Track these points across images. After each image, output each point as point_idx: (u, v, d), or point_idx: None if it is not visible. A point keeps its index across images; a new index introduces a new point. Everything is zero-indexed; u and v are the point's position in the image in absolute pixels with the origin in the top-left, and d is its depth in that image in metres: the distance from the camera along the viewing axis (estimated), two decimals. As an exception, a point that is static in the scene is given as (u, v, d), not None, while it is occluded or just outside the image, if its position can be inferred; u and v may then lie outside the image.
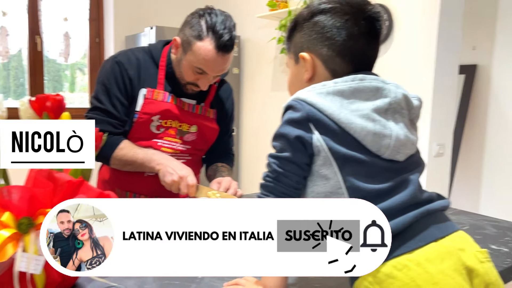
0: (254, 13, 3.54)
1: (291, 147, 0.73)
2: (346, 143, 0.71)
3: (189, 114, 1.46)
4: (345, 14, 0.77)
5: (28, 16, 3.48)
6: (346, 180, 0.70)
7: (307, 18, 0.80)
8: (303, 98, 0.73)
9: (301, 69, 0.81)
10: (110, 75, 1.39)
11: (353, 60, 0.77)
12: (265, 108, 3.65)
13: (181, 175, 1.31)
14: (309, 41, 0.79)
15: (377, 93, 0.74)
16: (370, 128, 0.71)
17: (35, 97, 0.78)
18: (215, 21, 1.30)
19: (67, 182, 0.75)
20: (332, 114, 0.71)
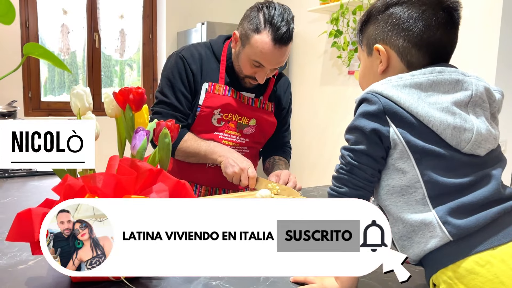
0: (305, 6, 3.53)
1: (366, 140, 0.72)
2: (424, 136, 0.70)
3: (248, 107, 1.49)
4: (422, 5, 0.75)
5: (87, 14, 3.65)
6: (424, 174, 0.69)
7: (382, 10, 0.79)
8: (378, 91, 0.73)
9: (375, 61, 0.81)
10: (174, 69, 1.45)
11: (430, 51, 0.76)
12: (314, 102, 3.64)
13: (242, 167, 1.34)
14: (384, 32, 0.78)
15: (457, 85, 0.72)
16: (450, 121, 0.69)
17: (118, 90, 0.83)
18: (273, 14, 1.31)
19: (148, 171, 0.80)
20: (410, 107, 0.70)
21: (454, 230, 0.66)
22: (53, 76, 3.73)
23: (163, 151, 0.85)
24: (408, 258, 0.70)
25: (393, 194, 0.73)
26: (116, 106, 0.84)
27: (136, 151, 0.82)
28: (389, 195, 0.73)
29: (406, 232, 0.71)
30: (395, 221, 0.73)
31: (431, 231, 0.68)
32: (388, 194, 0.73)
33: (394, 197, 0.72)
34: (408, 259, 0.71)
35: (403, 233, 0.72)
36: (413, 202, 0.70)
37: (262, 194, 1.24)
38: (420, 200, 0.70)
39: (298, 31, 3.79)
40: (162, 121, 0.86)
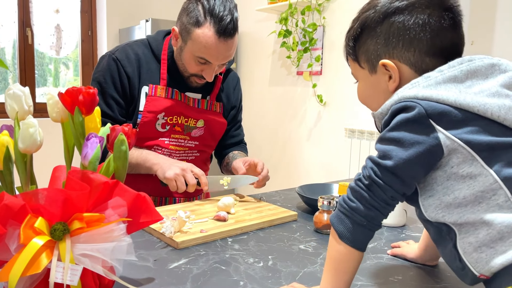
0: (252, 6, 3.47)
1: (400, 156, 0.63)
2: (484, 129, 0.61)
3: (194, 109, 1.38)
4: (426, 8, 0.68)
5: (18, 7, 3.36)
6: (499, 172, 0.60)
7: (380, 21, 0.70)
8: (412, 95, 0.64)
9: (381, 78, 0.72)
10: (106, 73, 1.30)
11: (444, 55, 0.68)
12: (263, 102, 3.59)
13: (183, 167, 1.22)
14: (389, 46, 0.70)
15: (494, 69, 0.65)
16: (508, 104, 0.61)
17: (64, 90, 0.71)
18: (213, 4, 1.19)
19: (103, 184, 0.69)
20: (457, 101, 0.61)
21: None
22: None
23: (120, 161, 0.74)
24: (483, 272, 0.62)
25: (466, 205, 0.62)
26: (62, 109, 0.72)
27: (88, 161, 0.70)
28: (461, 208, 0.63)
29: (490, 240, 0.61)
30: (475, 229, 0.62)
31: None
32: (460, 207, 0.63)
33: (470, 207, 0.62)
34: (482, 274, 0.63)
35: (484, 242, 0.61)
36: (495, 207, 0.60)
37: (225, 202, 1.15)
38: (503, 203, 0.60)
39: (246, 30, 3.73)
40: (117, 125, 0.75)
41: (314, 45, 3.05)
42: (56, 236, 0.66)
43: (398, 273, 0.86)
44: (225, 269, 0.85)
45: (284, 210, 1.20)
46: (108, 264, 0.67)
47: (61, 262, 0.64)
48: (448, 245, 0.67)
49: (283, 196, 1.42)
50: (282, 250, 0.96)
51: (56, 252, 0.65)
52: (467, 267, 0.64)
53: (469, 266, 0.64)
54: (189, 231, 1.01)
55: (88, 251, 0.66)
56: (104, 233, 0.67)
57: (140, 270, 0.84)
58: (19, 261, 0.61)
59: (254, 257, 0.91)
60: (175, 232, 0.98)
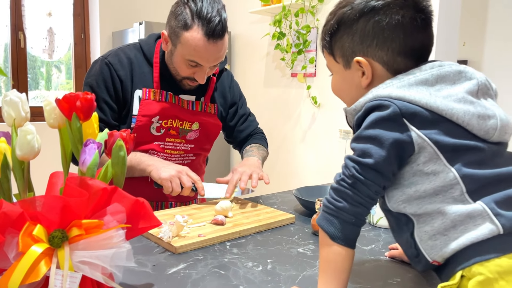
0: (246, 8, 3.47)
1: (379, 153, 0.66)
2: (450, 132, 0.65)
3: (189, 112, 1.38)
4: (400, 9, 0.71)
5: (10, 11, 3.34)
6: (460, 170, 0.64)
7: (355, 19, 0.73)
8: (385, 94, 0.67)
9: (355, 73, 0.76)
10: (99, 77, 1.29)
11: (415, 56, 0.72)
12: (257, 104, 3.59)
13: (179, 170, 1.21)
14: (363, 44, 0.73)
15: (461, 76, 0.69)
16: (472, 110, 0.66)
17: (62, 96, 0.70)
18: (200, 6, 1.18)
19: (101, 190, 0.68)
20: (428, 103, 0.65)
21: (507, 223, 0.62)
22: None
23: (118, 166, 0.74)
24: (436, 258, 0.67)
25: (425, 197, 0.67)
26: (60, 115, 0.72)
27: (86, 167, 0.70)
28: (420, 199, 0.67)
29: (444, 228, 0.66)
30: (431, 218, 0.67)
31: (477, 224, 0.63)
32: (419, 199, 0.67)
33: (428, 198, 0.67)
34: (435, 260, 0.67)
35: (438, 230, 0.66)
36: (450, 200, 0.65)
37: (223, 206, 1.14)
38: (457, 196, 0.65)
39: (240, 32, 3.73)
40: (115, 131, 0.75)
41: (308, 47, 3.06)
42: (55, 244, 0.65)
43: (397, 275, 0.86)
44: (224, 274, 0.85)
45: (282, 213, 1.20)
46: (108, 271, 0.67)
47: (60, 269, 0.64)
48: (405, 234, 0.72)
49: (280, 199, 1.42)
50: (280, 254, 0.96)
51: (55, 260, 0.64)
52: (421, 253, 0.69)
53: (424, 253, 0.69)
54: (187, 235, 1.00)
55: (87, 258, 0.65)
56: (103, 240, 0.67)
57: (139, 276, 0.84)
58: (18, 269, 0.60)
59: (253, 261, 0.91)
60: (173, 237, 0.98)
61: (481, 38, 3.55)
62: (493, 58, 3.49)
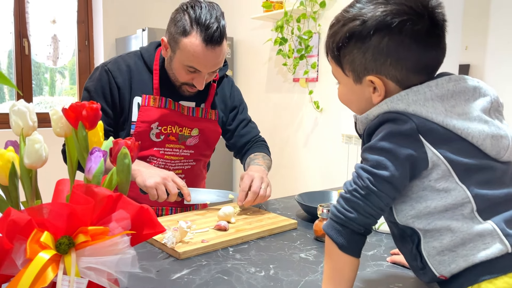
0: (248, 14, 3.50)
1: (395, 167, 0.65)
2: (464, 151, 0.66)
3: (188, 118, 1.39)
4: (415, 25, 0.67)
5: (14, 18, 3.37)
6: (472, 190, 0.65)
7: (368, 36, 0.69)
8: (402, 109, 0.67)
9: (366, 89, 0.74)
10: (97, 83, 1.32)
11: (428, 71, 0.72)
12: (259, 109, 3.61)
13: (164, 176, 1.20)
14: (376, 62, 0.70)
15: (475, 92, 0.69)
16: (487, 131, 0.66)
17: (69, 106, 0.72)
18: (199, 13, 1.20)
19: (107, 197, 0.70)
20: (444, 121, 0.65)
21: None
22: None
23: (123, 174, 0.75)
24: (444, 273, 0.68)
25: (434, 213, 0.67)
26: (66, 123, 0.74)
27: (92, 175, 0.71)
28: (430, 215, 0.68)
29: (453, 245, 0.66)
30: (440, 234, 0.67)
31: (486, 243, 0.64)
32: (429, 214, 0.68)
33: (437, 214, 0.67)
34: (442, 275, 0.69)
35: (447, 247, 0.67)
36: (459, 216, 0.66)
37: (226, 211, 1.16)
38: (467, 214, 0.66)
39: (242, 38, 3.75)
40: (119, 139, 0.77)
41: (310, 52, 3.08)
42: (62, 250, 0.66)
43: (399, 281, 0.87)
44: (227, 279, 0.86)
45: (284, 219, 1.21)
46: (113, 276, 0.68)
47: (67, 275, 0.65)
48: (409, 245, 0.72)
49: (283, 204, 1.43)
50: (283, 259, 0.97)
51: (62, 266, 0.66)
52: (428, 267, 0.70)
53: (431, 267, 0.69)
54: (191, 241, 1.02)
55: (93, 264, 0.67)
56: (109, 246, 0.68)
57: (143, 281, 0.85)
58: (25, 275, 0.61)
59: (255, 267, 0.92)
60: (177, 243, 0.99)
61: (483, 42, 3.56)
62: (496, 62, 3.50)
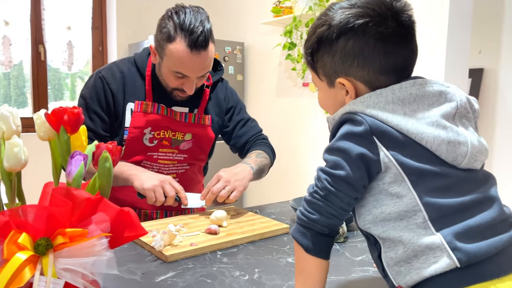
0: (258, 19, 3.52)
1: (350, 166, 0.66)
2: (418, 155, 0.65)
3: (181, 123, 1.40)
4: (379, 26, 0.68)
5: (31, 25, 3.46)
6: (422, 197, 0.64)
7: (334, 39, 0.71)
8: (360, 110, 0.68)
9: (339, 92, 0.75)
10: (92, 90, 1.35)
11: (397, 73, 0.71)
12: (269, 113, 3.62)
13: (161, 179, 1.22)
14: (344, 65, 0.71)
15: (441, 97, 0.68)
16: (443, 136, 0.65)
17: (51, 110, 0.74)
18: (183, 19, 1.21)
19: (86, 200, 0.72)
20: (399, 125, 0.65)
21: (464, 257, 0.61)
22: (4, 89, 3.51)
23: (104, 177, 0.77)
24: (401, 284, 0.67)
25: (390, 220, 0.67)
26: (49, 128, 0.76)
27: (72, 178, 0.73)
28: (385, 222, 0.67)
29: (406, 257, 0.65)
30: (395, 245, 0.66)
31: (436, 256, 0.63)
32: (384, 221, 0.67)
33: (392, 222, 0.66)
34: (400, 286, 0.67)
35: (402, 258, 0.66)
36: (413, 226, 0.65)
37: (217, 215, 1.17)
38: (421, 224, 0.64)
39: (252, 43, 3.77)
40: (102, 143, 0.78)
41: (318, 57, 3.07)
42: (40, 251, 0.68)
43: (385, 286, 0.86)
44: (210, 282, 0.87)
45: (276, 223, 1.21)
46: (89, 278, 0.69)
47: (44, 276, 0.67)
48: (374, 253, 0.72)
49: (279, 209, 1.44)
50: (269, 263, 0.97)
51: (39, 267, 0.68)
52: (388, 276, 0.69)
53: (390, 277, 0.69)
54: (180, 244, 1.03)
55: (70, 265, 0.68)
56: (86, 248, 0.70)
57: (127, 283, 0.86)
58: (2, 275, 0.63)
59: (240, 270, 0.93)
60: (165, 246, 1.01)
61: (497, 46, 3.50)
62: (510, 65, 3.43)
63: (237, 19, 3.94)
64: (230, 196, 1.24)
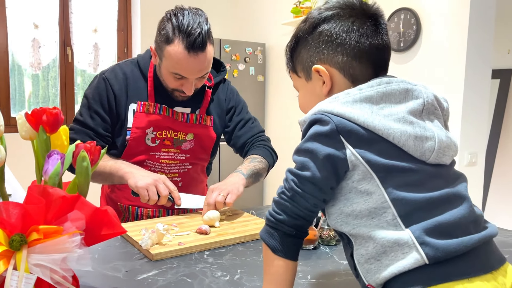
0: (279, 20, 3.51)
1: (316, 166, 0.66)
2: (385, 152, 0.65)
3: (183, 124, 1.42)
4: (350, 17, 0.73)
5: (59, 28, 3.59)
6: (390, 193, 0.63)
7: (310, 31, 0.76)
8: (328, 109, 0.67)
9: (317, 83, 0.76)
10: (95, 91, 1.38)
11: (370, 61, 0.73)
12: (289, 114, 3.61)
13: (156, 178, 1.24)
14: (319, 52, 0.74)
15: (407, 95, 0.68)
16: (410, 131, 0.65)
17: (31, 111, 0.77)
18: (181, 21, 1.22)
19: (60, 198, 0.74)
20: (365, 122, 0.65)
21: (432, 252, 0.60)
22: (37, 90, 3.65)
23: (82, 176, 0.79)
24: (371, 282, 0.66)
25: (362, 218, 0.66)
26: (30, 128, 0.78)
27: (48, 176, 0.76)
28: (357, 220, 0.67)
29: (376, 253, 0.64)
30: (365, 241, 0.66)
31: (405, 252, 0.62)
32: (356, 219, 0.67)
33: (364, 220, 0.66)
34: (370, 284, 0.67)
35: (372, 255, 0.65)
36: (384, 223, 0.64)
37: (210, 216, 1.17)
38: (391, 221, 0.64)
39: (274, 44, 3.77)
40: (80, 143, 0.80)
41: (338, 57, 3.04)
42: (14, 247, 0.71)
43: (362, 292, 0.85)
44: (190, 282, 0.88)
45: (270, 225, 1.21)
46: (60, 274, 0.71)
47: (17, 271, 0.70)
48: (348, 252, 0.71)
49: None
50: (254, 265, 0.97)
51: (13, 262, 0.70)
52: (360, 275, 0.68)
53: (361, 275, 0.67)
54: (168, 243, 1.04)
55: (42, 261, 0.70)
56: (58, 245, 0.72)
57: (108, 280, 0.88)
58: (-26, 268, 0.66)
59: (223, 271, 0.93)
60: (153, 244, 1.02)
61: (528, 45, 3.35)
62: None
63: (258, 20, 3.95)
64: (227, 200, 1.25)
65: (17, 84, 3.54)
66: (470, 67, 2.40)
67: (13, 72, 3.49)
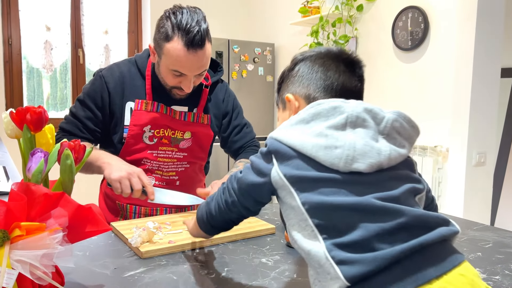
0: (287, 20, 3.51)
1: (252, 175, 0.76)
2: (301, 165, 0.69)
3: (180, 122, 1.43)
4: (324, 58, 0.82)
5: (71, 30, 3.65)
6: (304, 203, 0.66)
7: (291, 68, 0.85)
8: (272, 135, 0.75)
9: (288, 112, 0.84)
10: (91, 88, 1.41)
11: (335, 95, 0.78)
12: (299, 115, 3.60)
13: (130, 171, 1.23)
14: (293, 84, 0.83)
15: (335, 111, 0.71)
16: (322, 143, 0.68)
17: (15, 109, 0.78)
18: (180, 19, 1.24)
19: (43, 195, 0.75)
20: (289, 142, 0.71)
21: (348, 272, 0.58)
22: (56, 92, 3.72)
23: (65, 174, 0.80)
24: None
25: (299, 232, 0.67)
26: (15, 126, 0.80)
27: (31, 174, 0.77)
28: (297, 234, 0.68)
29: (316, 273, 0.64)
30: (307, 258, 0.67)
31: (329, 273, 0.60)
32: (295, 232, 0.68)
33: (301, 235, 0.67)
34: None
35: (314, 275, 0.65)
36: (307, 236, 0.65)
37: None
38: (311, 232, 0.64)
39: (282, 43, 3.77)
40: (65, 141, 0.82)
41: (345, 56, 3.02)
42: (-4, 243, 0.72)
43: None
44: (175, 279, 0.88)
45: (263, 223, 1.21)
46: (41, 269, 0.72)
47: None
48: None
49: (275, 209, 1.43)
50: (242, 263, 0.97)
51: (-5, 257, 0.72)
52: None
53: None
54: (159, 241, 1.05)
55: (23, 257, 0.72)
56: (40, 241, 0.73)
57: (95, 277, 0.89)
58: (-44, 264, 0.68)
59: (210, 269, 0.94)
60: (143, 242, 1.03)
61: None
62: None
63: (267, 20, 3.95)
64: None
65: (35, 86, 3.61)
66: (478, 65, 2.36)
67: (31, 74, 3.57)
